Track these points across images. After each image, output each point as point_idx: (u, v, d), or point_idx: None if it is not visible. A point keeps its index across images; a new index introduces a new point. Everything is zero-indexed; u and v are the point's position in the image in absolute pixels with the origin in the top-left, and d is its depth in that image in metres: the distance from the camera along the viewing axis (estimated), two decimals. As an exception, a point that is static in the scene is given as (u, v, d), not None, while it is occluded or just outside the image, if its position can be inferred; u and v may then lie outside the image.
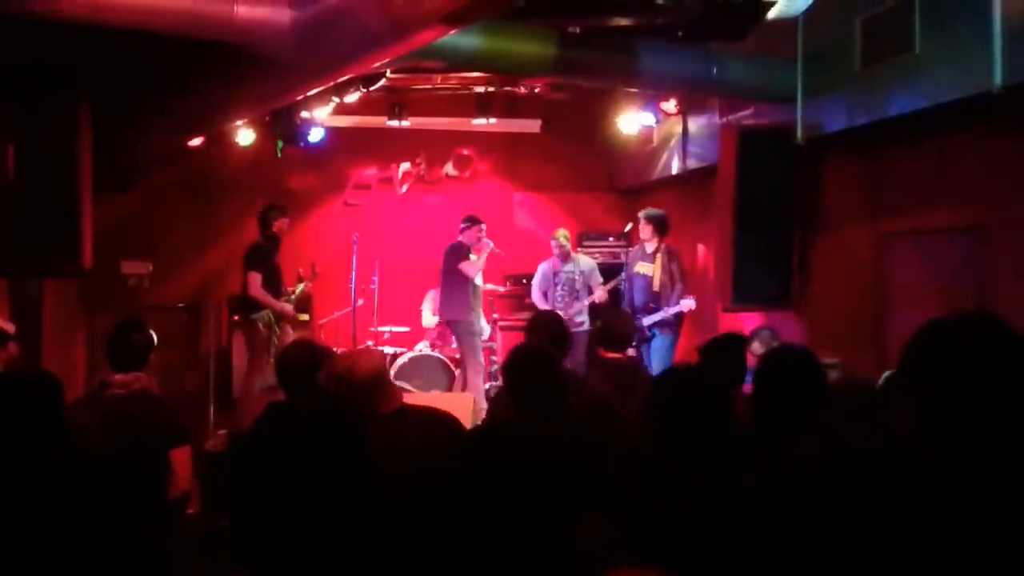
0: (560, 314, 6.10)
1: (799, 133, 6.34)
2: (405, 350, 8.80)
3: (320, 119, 8.15)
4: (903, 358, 1.89)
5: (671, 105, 7.87)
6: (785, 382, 3.19)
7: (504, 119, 9.70)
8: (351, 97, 7.46)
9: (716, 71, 6.51)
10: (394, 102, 9.16)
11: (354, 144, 9.77)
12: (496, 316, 9.15)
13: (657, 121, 8.52)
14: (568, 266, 8.86)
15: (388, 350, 8.74)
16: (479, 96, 9.19)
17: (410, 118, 9.27)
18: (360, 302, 8.61)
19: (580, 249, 9.44)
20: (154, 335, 4.21)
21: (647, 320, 7.98)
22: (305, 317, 9.01)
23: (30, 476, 2.21)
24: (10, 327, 5.40)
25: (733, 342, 4.39)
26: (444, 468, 2.82)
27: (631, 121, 8.69)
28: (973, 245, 5.38)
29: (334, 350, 5.37)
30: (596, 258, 9.32)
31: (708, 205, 7.94)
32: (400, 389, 8.19)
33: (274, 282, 8.02)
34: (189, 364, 9.32)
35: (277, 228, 8.13)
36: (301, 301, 8.46)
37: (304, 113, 7.71)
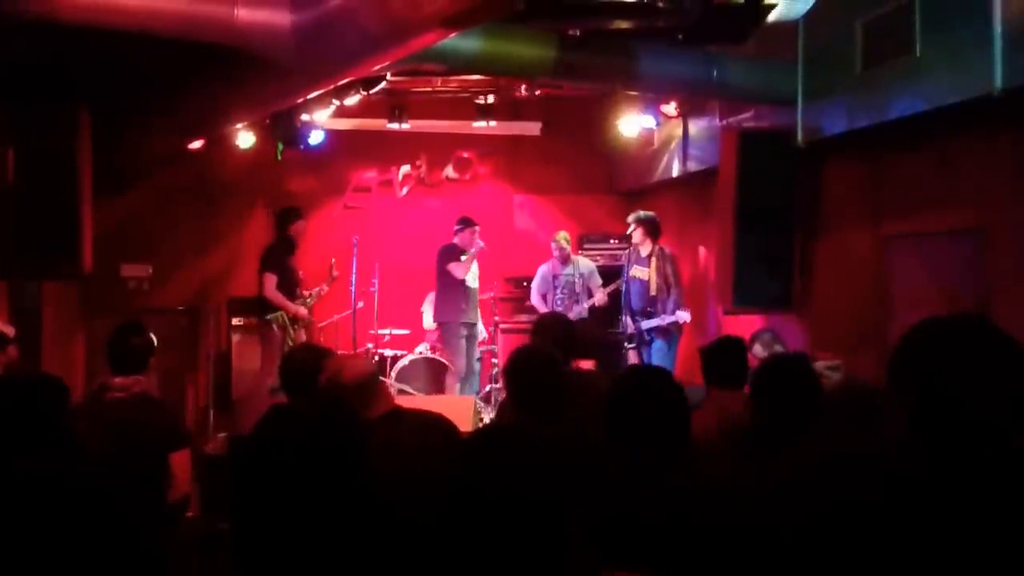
0: (556, 317, 6.10)
1: (800, 136, 6.33)
2: (405, 353, 8.80)
3: (320, 122, 8.15)
4: (891, 361, 1.89)
5: (671, 108, 7.86)
6: (781, 388, 3.20)
7: (504, 122, 9.69)
8: (351, 100, 7.45)
9: (716, 74, 6.51)
10: (394, 105, 9.16)
11: (354, 147, 9.77)
12: (497, 319, 9.15)
13: (657, 124, 8.52)
14: (568, 269, 8.86)
15: (388, 353, 8.74)
16: (479, 99, 9.18)
17: (410, 121, 9.26)
18: (360, 305, 8.61)
19: (581, 252, 9.44)
20: (154, 338, 4.20)
21: (645, 324, 7.99)
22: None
23: (29, 479, 2.20)
24: (10, 330, 5.39)
25: (734, 345, 4.38)
26: (440, 471, 2.81)
27: (631, 124, 8.68)
28: (974, 248, 5.37)
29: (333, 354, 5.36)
30: (597, 261, 9.31)
31: (709, 208, 7.94)
32: (394, 392, 8.25)
33: (289, 284, 8.07)
34: (189, 367, 9.32)
35: (293, 231, 8.19)
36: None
37: (304, 116, 7.71)
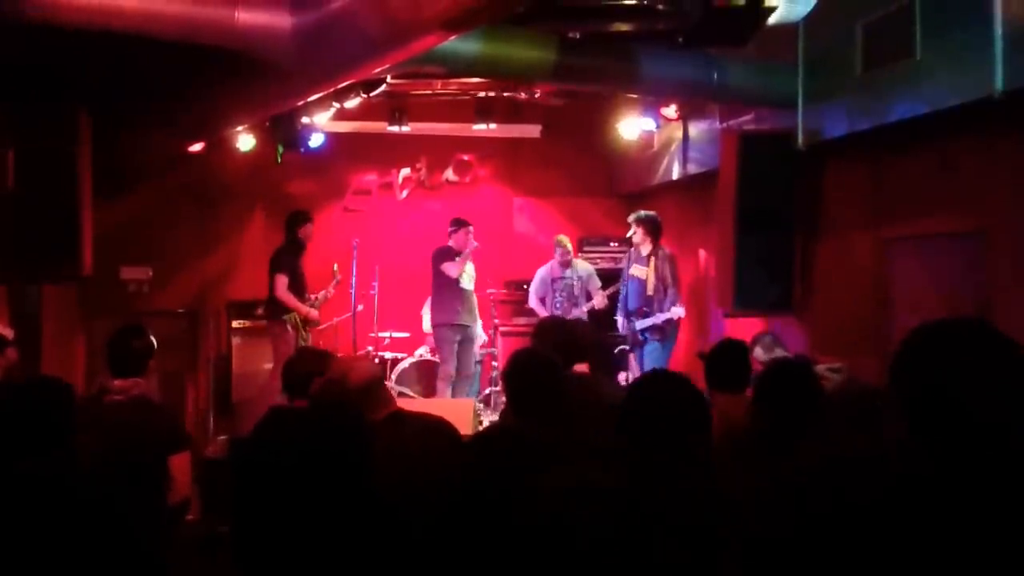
0: (558, 322, 6.09)
1: (800, 138, 6.33)
2: (405, 355, 8.79)
3: (320, 124, 8.16)
4: (892, 364, 1.89)
5: (671, 110, 7.86)
6: (784, 393, 3.20)
7: (504, 124, 9.70)
8: (351, 102, 7.45)
9: (717, 76, 6.51)
10: (394, 107, 9.15)
11: (354, 149, 9.76)
12: (496, 321, 9.14)
13: (657, 126, 8.52)
14: (567, 272, 8.86)
15: (388, 355, 8.74)
16: (479, 101, 9.19)
17: (410, 123, 9.26)
18: (360, 308, 8.60)
19: (581, 254, 9.43)
20: (154, 340, 4.20)
21: (639, 324, 7.96)
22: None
23: (30, 481, 2.20)
24: (9, 333, 5.40)
25: (736, 348, 4.37)
26: (442, 474, 2.81)
27: (631, 126, 8.68)
28: (974, 250, 5.37)
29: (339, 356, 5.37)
30: (596, 263, 9.31)
31: (709, 210, 7.93)
32: (396, 395, 8.25)
33: (298, 286, 8.10)
34: (189, 370, 9.31)
35: (303, 234, 8.22)
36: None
37: (304, 118, 7.71)
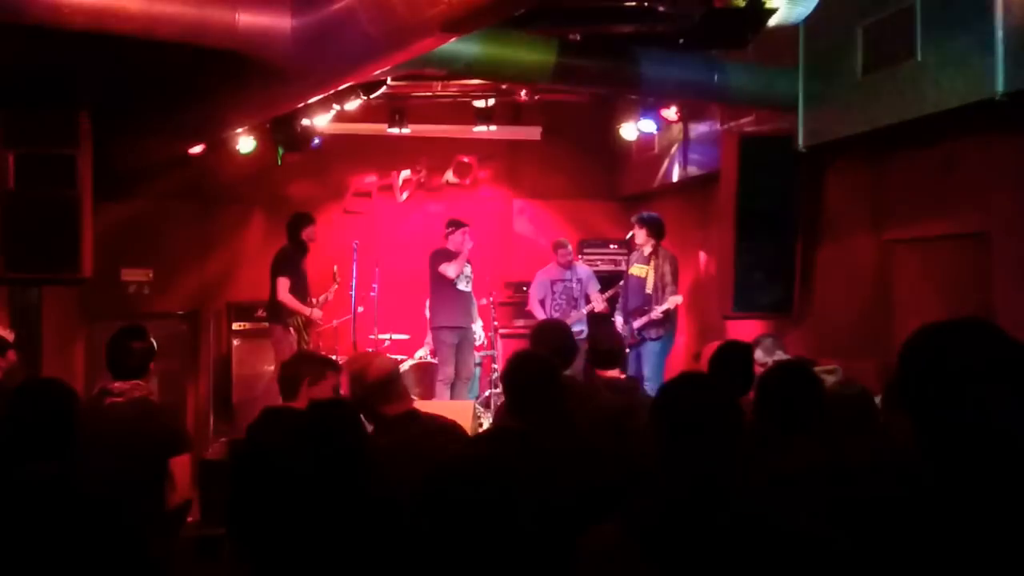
0: (557, 324, 6.09)
1: (800, 140, 6.32)
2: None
3: (321, 126, 8.15)
4: (898, 364, 1.88)
5: (672, 112, 7.86)
6: (786, 396, 3.20)
7: (505, 126, 9.70)
8: (352, 104, 7.45)
9: (717, 78, 6.50)
10: (394, 109, 9.16)
11: (354, 151, 9.77)
12: (496, 323, 9.14)
13: (658, 128, 8.52)
14: (566, 274, 8.86)
15: (388, 358, 8.72)
16: (479, 103, 9.19)
17: (410, 125, 9.27)
18: (360, 309, 8.60)
19: (581, 256, 9.43)
20: (154, 342, 4.19)
21: (637, 323, 7.95)
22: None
23: (31, 485, 2.20)
24: (10, 335, 5.39)
25: (740, 350, 4.37)
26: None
27: (631, 128, 8.68)
28: (976, 252, 5.37)
29: (335, 359, 5.37)
30: (596, 266, 9.31)
31: (709, 212, 7.93)
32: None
33: (301, 289, 8.09)
34: (189, 372, 9.30)
35: (305, 236, 8.21)
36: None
37: (305, 120, 7.71)
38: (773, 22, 5.03)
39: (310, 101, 6.71)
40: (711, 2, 4.93)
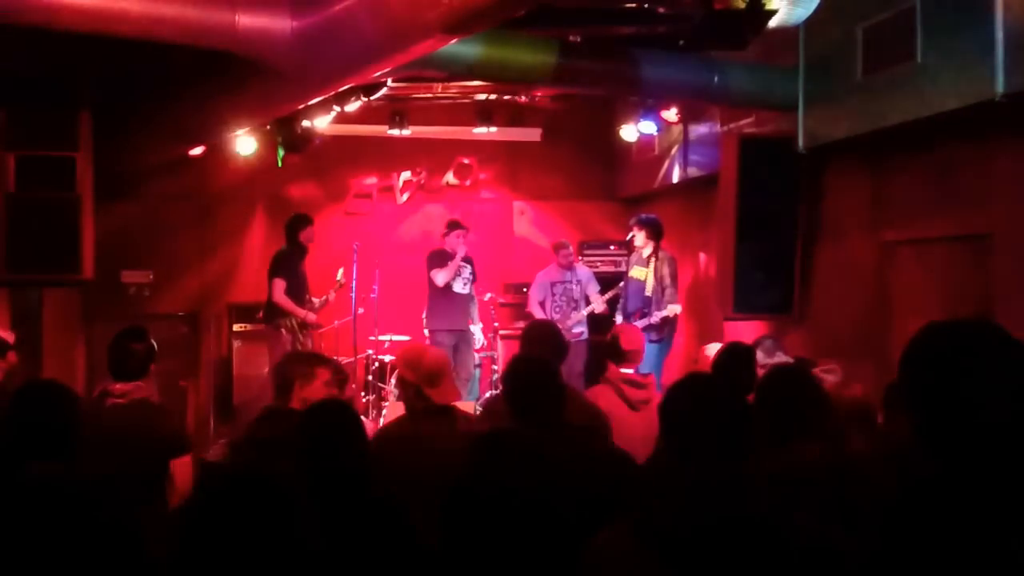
0: (555, 323, 6.12)
1: (800, 141, 6.32)
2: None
3: (321, 128, 8.16)
4: (900, 364, 1.88)
5: (672, 114, 7.86)
6: (785, 397, 3.20)
7: (505, 128, 9.71)
8: (352, 106, 7.45)
9: (717, 79, 6.51)
10: (395, 111, 9.17)
11: (355, 153, 9.77)
12: (496, 324, 9.14)
13: (658, 130, 8.52)
14: (567, 275, 8.86)
15: (388, 359, 8.73)
16: (480, 104, 9.19)
17: (411, 127, 9.27)
18: (361, 311, 8.60)
19: (581, 258, 9.44)
20: (155, 344, 4.20)
21: (637, 325, 7.95)
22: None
23: (33, 486, 2.20)
24: (10, 336, 5.38)
25: (744, 352, 4.37)
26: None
27: (632, 130, 8.69)
28: (976, 254, 5.37)
29: (334, 359, 5.37)
30: (596, 267, 9.32)
31: (709, 214, 7.93)
32: (393, 398, 8.24)
33: (298, 290, 8.07)
34: (190, 373, 9.30)
35: (304, 238, 8.19)
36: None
37: (305, 122, 7.71)
38: (773, 23, 5.03)
39: (310, 102, 6.72)
40: (711, 4, 4.93)
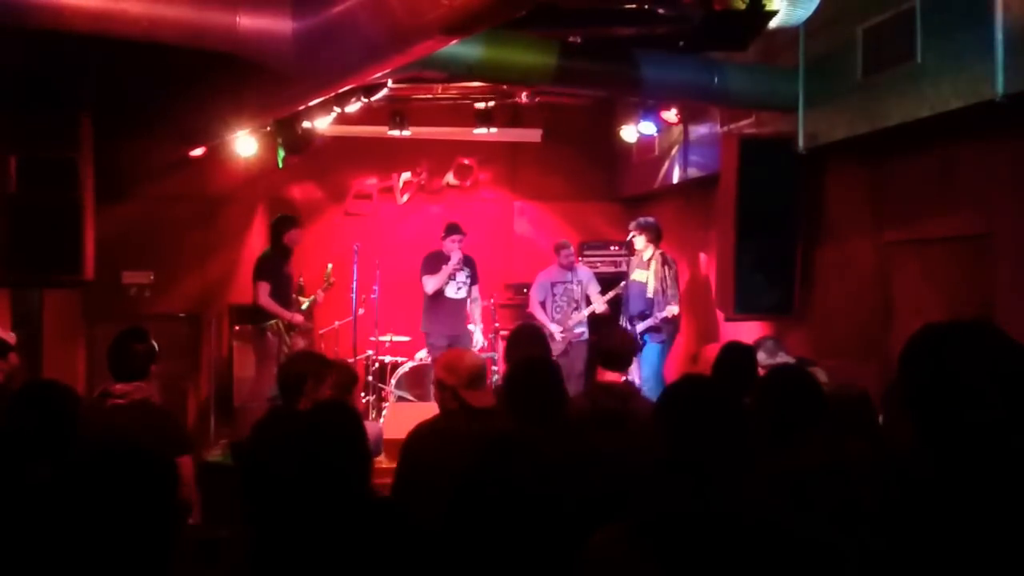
0: (536, 325, 6.16)
1: (801, 142, 6.33)
2: (406, 359, 8.78)
3: (321, 129, 8.16)
4: (899, 364, 1.88)
5: (672, 114, 7.87)
6: (786, 397, 3.20)
7: (505, 128, 9.71)
8: (352, 107, 7.45)
9: (717, 80, 6.51)
10: (395, 111, 9.17)
11: (355, 154, 9.78)
12: (497, 325, 9.14)
13: (658, 130, 8.52)
14: (567, 276, 8.86)
15: (388, 359, 8.73)
16: (480, 105, 9.19)
17: (411, 127, 9.27)
18: (361, 311, 8.60)
19: (582, 258, 9.44)
20: (155, 344, 4.20)
21: (640, 326, 7.99)
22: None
23: (33, 487, 2.21)
24: (11, 337, 5.39)
25: (744, 352, 4.36)
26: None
27: (632, 130, 8.69)
28: (976, 254, 5.37)
29: (337, 360, 5.37)
30: (596, 268, 9.32)
31: (710, 214, 7.94)
32: (393, 399, 8.23)
33: (284, 292, 8.04)
34: (190, 374, 9.31)
35: (288, 240, 8.12)
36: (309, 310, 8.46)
37: (305, 123, 7.72)
38: (773, 24, 5.04)
39: (311, 103, 6.72)
40: (711, 5, 4.94)
